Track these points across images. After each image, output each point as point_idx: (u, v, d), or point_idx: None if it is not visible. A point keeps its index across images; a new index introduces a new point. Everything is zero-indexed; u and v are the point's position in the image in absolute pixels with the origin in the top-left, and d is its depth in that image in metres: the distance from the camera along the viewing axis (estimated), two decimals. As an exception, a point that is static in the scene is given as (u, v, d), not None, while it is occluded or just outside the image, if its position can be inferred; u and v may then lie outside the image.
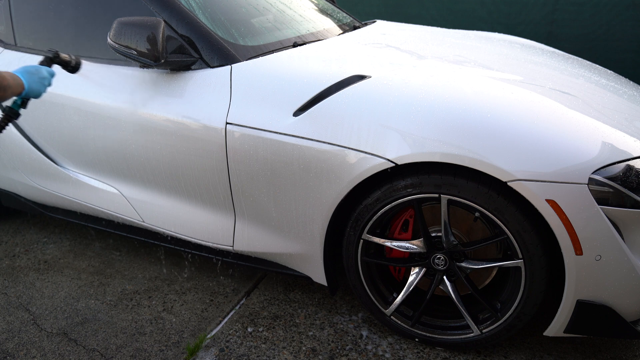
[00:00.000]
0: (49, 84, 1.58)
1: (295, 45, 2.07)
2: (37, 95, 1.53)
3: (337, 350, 1.84)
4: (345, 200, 1.69)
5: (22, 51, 2.32)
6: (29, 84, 1.48)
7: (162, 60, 1.77)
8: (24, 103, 1.56)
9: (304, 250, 1.84)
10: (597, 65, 2.47)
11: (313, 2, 2.74)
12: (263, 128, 1.71)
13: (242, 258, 2.03)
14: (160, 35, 1.73)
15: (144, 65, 1.91)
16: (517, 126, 1.48)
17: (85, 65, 2.12)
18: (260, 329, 1.96)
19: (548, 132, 1.47)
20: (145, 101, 1.93)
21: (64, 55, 1.75)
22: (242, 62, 1.86)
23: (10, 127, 2.31)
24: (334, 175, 1.64)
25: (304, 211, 1.75)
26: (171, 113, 1.86)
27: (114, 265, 2.42)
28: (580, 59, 2.55)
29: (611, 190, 1.41)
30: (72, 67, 1.78)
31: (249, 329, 1.96)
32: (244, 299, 2.14)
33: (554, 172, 1.41)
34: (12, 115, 1.54)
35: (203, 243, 2.04)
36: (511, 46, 2.52)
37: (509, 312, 1.65)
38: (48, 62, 1.68)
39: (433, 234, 1.71)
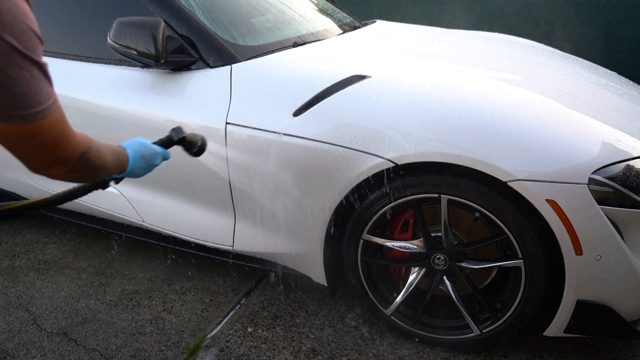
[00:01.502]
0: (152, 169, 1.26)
1: (295, 45, 2.07)
2: (134, 177, 1.24)
3: (337, 350, 1.84)
4: (346, 200, 1.69)
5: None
6: (133, 169, 1.17)
7: (162, 60, 1.77)
8: (117, 179, 1.25)
9: (304, 250, 1.84)
10: (597, 65, 2.47)
11: (313, 2, 2.74)
12: (263, 128, 1.71)
13: (242, 258, 2.03)
14: (161, 35, 1.73)
15: (144, 65, 1.91)
16: (517, 126, 1.48)
17: (86, 65, 2.13)
18: (260, 329, 1.96)
19: (548, 132, 1.47)
20: (145, 101, 1.93)
21: (191, 136, 1.35)
22: (242, 62, 1.86)
23: None
24: (334, 175, 1.64)
25: (304, 211, 1.75)
26: (171, 113, 1.86)
27: (114, 265, 2.42)
28: (580, 59, 2.55)
29: (611, 190, 1.41)
30: (197, 151, 1.40)
31: (249, 329, 1.96)
32: (244, 299, 2.14)
33: (554, 172, 1.41)
34: (100, 184, 1.24)
35: (203, 243, 2.04)
36: (511, 46, 2.52)
37: (509, 312, 1.65)
38: (169, 143, 1.31)
39: (433, 234, 1.71)
